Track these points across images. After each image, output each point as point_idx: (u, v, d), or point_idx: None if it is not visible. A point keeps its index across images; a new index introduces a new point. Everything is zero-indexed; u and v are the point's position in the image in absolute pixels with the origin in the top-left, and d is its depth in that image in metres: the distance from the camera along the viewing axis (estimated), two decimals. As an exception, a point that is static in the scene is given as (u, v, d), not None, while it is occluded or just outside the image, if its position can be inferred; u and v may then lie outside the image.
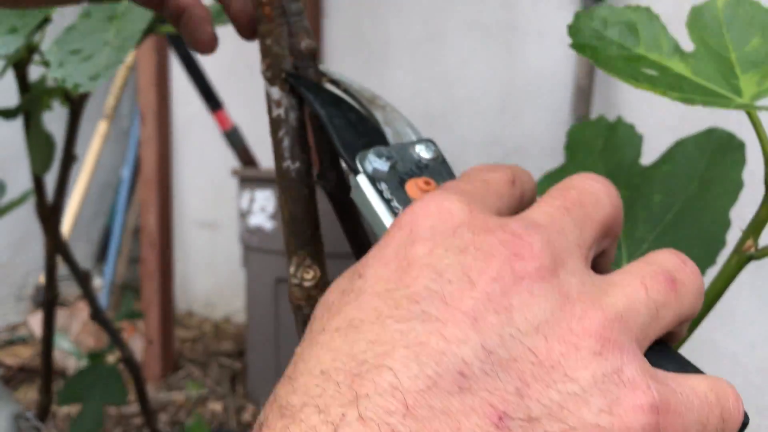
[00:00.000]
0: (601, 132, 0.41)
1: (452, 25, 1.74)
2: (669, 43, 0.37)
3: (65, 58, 0.50)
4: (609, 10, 0.39)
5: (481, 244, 0.22)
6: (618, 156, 0.40)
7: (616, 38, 0.38)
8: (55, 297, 0.84)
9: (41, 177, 0.78)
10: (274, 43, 0.35)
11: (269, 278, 1.55)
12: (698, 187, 0.38)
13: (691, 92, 0.33)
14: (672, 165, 0.39)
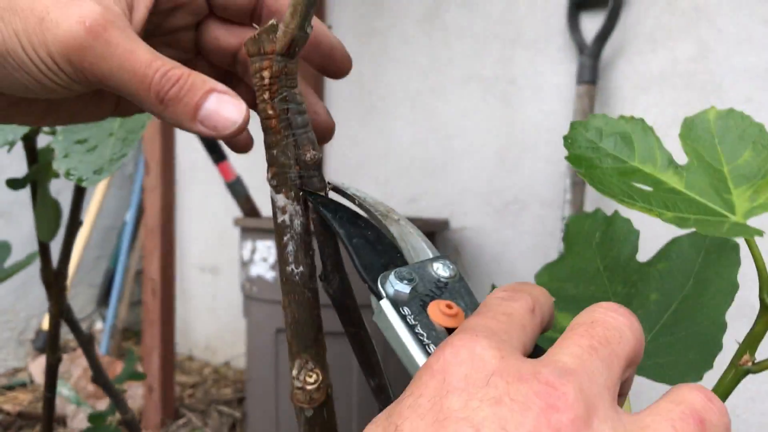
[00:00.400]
0: (599, 225, 0.42)
1: (451, 78, 1.77)
2: (663, 156, 0.38)
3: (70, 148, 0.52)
4: (604, 120, 0.40)
5: (516, 395, 0.22)
6: (615, 250, 0.41)
7: (611, 150, 0.39)
8: (58, 360, 0.84)
9: (47, 243, 0.80)
10: (281, 153, 0.37)
11: (270, 328, 1.55)
12: (694, 286, 0.38)
13: (685, 209, 0.34)
14: (668, 263, 0.39)
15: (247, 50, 0.36)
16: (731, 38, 1.30)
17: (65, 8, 0.31)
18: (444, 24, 1.79)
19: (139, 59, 0.33)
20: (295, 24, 0.35)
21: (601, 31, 1.44)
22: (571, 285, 0.41)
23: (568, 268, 0.42)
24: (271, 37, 0.35)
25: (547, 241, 1.59)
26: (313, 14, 0.35)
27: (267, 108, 0.36)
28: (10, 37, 0.31)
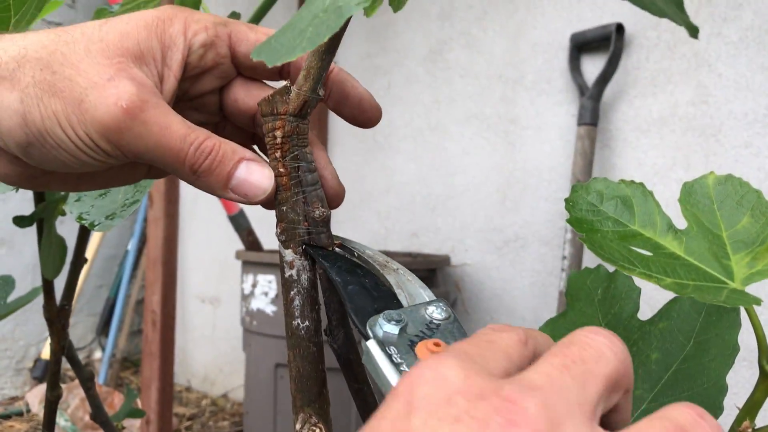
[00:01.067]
0: (601, 281, 0.42)
1: (454, 116, 1.79)
2: (663, 221, 0.39)
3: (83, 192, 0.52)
4: (605, 183, 0.40)
5: (476, 412, 0.21)
6: (617, 307, 0.41)
7: (611, 213, 0.39)
8: (58, 397, 0.84)
9: (51, 280, 0.80)
10: (290, 210, 0.37)
11: (269, 362, 1.55)
12: (694, 347, 0.38)
13: (684, 275, 0.34)
14: (669, 322, 0.39)
15: (261, 110, 0.37)
16: (730, 84, 1.32)
17: (103, 90, 0.33)
18: (447, 64, 1.81)
19: (174, 134, 0.34)
20: (308, 87, 0.36)
21: (602, 73, 1.46)
22: None
23: (569, 324, 0.42)
24: (284, 98, 0.36)
25: (548, 279, 1.59)
26: (325, 77, 0.36)
27: (278, 166, 0.37)
28: (49, 118, 0.33)
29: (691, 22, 0.41)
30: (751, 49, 1.30)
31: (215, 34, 0.37)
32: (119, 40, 0.34)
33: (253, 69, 0.40)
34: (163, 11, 0.37)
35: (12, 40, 0.34)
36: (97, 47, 0.34)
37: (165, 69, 0.36)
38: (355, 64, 2.04)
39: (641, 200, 0.39)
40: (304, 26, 0.26)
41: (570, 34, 1.55)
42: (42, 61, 0.33)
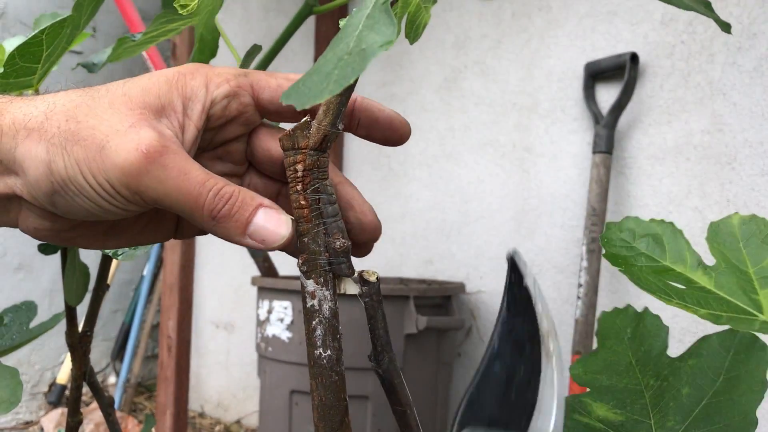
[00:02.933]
0: (630, 321, 0.44)
1: (468, 144, 1.81)
2: (692, 257, 0.41)
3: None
4: (636, 222, 0.43)
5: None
6: (646, 345, 0.43)
7: (644, 250, 0.42)
8: (79, 423, 0.85)
9: (74, 307, 0.81)
10: (311, 241, 0.38)
11: (284, 389, 1.55)
12: (724, 383, 0.40)
13: (717, 307, 0.37)
14: (698, 359, 0.41)
15: (282, 145, 0.38)
16: (745, 112, 1.33)
17: (123, 136, 0.34)
18: (462, 92, 1.83)
19: (193, 179, 0.35)
20: (328, 121, 0.37)
21: (616, 102, 1.47)
22: (604, 377, 0.43)
23: (601, 362, 0.44)
24: (305, 133, 0.38)
25: (563, 307, 1.59)
26: (350, 108, 0.38)
27: (300, 198, 0.38)
28: (71, 166, 0.34)
29: (719, 18, 0.42)
30: (766, 77, 1.31)
31: (237, 85, 0.39)
32: (141, 95, 0.36)
33: (278, 114, 0.41)
34: (185, 67, 0.38)
35: (43, 99, 0.36)
36: (121, 100, 0.36)
37: (186, 120, 0.37)
38: (371, 93, 2.06)
39: (671, 238, 0.42)
40: (329, 69, 0.27)
41: (584, 63, 1.56)
42: (68, 113, 0.35)
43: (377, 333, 0.40)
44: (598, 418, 0.41)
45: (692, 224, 1.37)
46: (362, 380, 1.47)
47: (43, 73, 0.63)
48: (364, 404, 1.48)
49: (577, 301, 1.45)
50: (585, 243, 1.45)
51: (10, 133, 0.35)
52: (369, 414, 1.48)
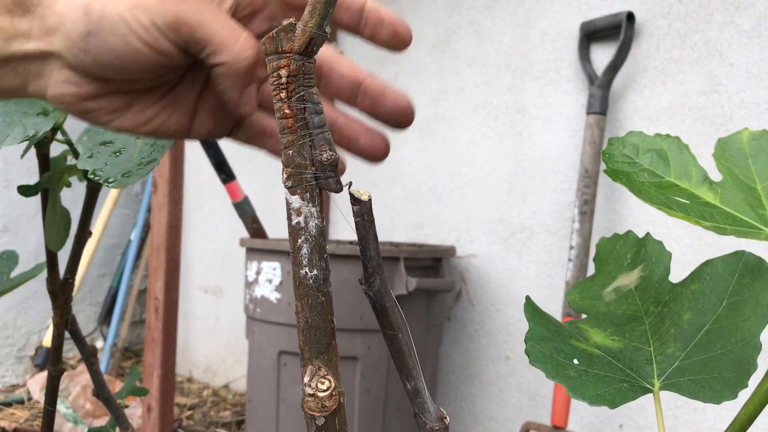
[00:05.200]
0: (630, 246, 0.43)
1: (461, 106, 1.78)
2: (698, 173, 0.40)
3: (95, 149, 0.51)
4: (640, 137, 0.42)
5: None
6: (647, 270, 0.42)
7: (647, 165, 0.41)
8: (61, 372, 0.83)
9: (55, 252, 0.79)
10: (296, 153, 0.36)
11: (272, 350, 1.54)
12: (727, 308, 0.39)
13: (721, 221, 0.35)
14: (700, 284, 0.40)
15: (264, 49, 0.36)
16: (742, 73, 1.31)
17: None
18: (455, 53, 1.80)
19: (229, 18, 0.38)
20: (314, 23, 0.35)
21: (612, 62, 1.44)
22: (602, 303, 0.42)
23: (599, 287, 0.43)
24: (290, 35, 0.35)
25: (554, 269, 1.58)
26: (332, 13, 0.35)
27: (284, 107, 0.36)
28: (110, 2, 0.36)
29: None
30: (764, 37, 1.29)
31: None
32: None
33: (300, 9, 0.40)
34: None
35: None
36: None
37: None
38: (362, 54, 2.03)
39: (677, 153, 0.41)
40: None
41: (580, 23, 1.53)
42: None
43: (368, 254, 0.38)
44: (596, 344, 0.40)
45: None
46: (351, 341, 1.46)
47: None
48: (353, 365, 1.47)
49: (568, 263, 1.44)
50: (577, 205, 1.43)
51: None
52: (358, 374, 1.47)
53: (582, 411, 1.52)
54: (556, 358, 0.38)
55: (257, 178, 2.30)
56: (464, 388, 1.76)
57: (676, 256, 1.39)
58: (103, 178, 0.48)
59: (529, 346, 0.39)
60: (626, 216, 1.45)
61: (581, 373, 0.37)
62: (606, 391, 0.36)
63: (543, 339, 0.39)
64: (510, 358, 1.66)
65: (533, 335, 0.39)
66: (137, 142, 0.50)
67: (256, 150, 0.45)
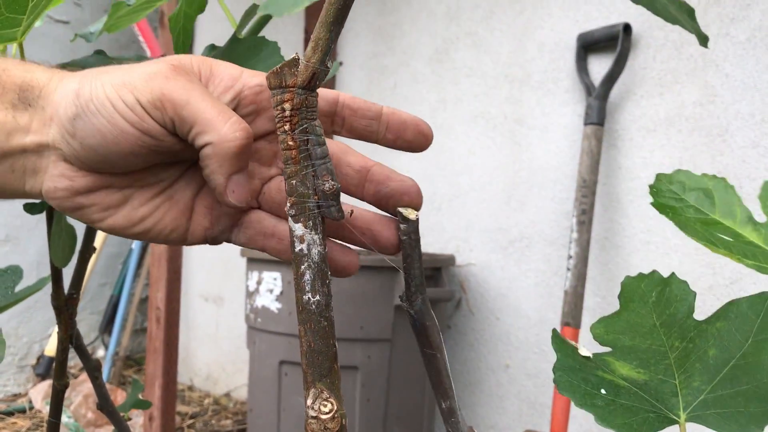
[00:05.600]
0: (655, 285, 0.44)
1: (459, 116, 1.79)
2: (743, 212, 0.42)
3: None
4: (687, 175, 0.44)
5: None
6: (671, 309, 0.43)
7: (693, 202, 0.42)
8: (65, 386, 0.84)
9: (60, 269, 0.80)
10: (300, 183, 0.38)
11: (273, 359, 1.55)
12: (753, 346, 0.40)
13: (763, 260, 0.37)
14: (726, 322, 0.41)
15: (268, 83, 0.37)
16: (738, 84, 1.32)
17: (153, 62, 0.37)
18: (453, 63, 1.82)
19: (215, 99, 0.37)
20: (317, 58, 0.36)
21: (609, 73, 1.46)
22: (627, 337, 0.43)
23: (623, 323, 0.44)
24: (293, 70, 0.37)
25: (553, 279, 1.59)
26: (333, 49, 0.37)
27: (287, 139, 0.37)
28: (97, 87, 0.36)
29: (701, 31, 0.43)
30: (759, 49, 1.30)
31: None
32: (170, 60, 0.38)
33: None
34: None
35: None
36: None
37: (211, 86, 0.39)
38: (361, 64, 2.04)
39: (722, 193, 0.43)
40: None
41: (577, 34, 1.55)
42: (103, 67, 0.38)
43: (412, 273, 0.39)
44: (622, 376, 0.41)
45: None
46: (351, 351, 1.47)
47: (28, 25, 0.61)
48: (353, 375, 1.48)
49: (566, 272, 1.45)
50: (575, 215, 1.45)
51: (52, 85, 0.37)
52: (358, 384, 1.48)
53: (581, 420, 1.53)
54: (584, 387, 0.39)
55: (257, 187, 2.31)
56: (464, 397, 1.77)
57: (673, 266, 1.39)
58: None
59: (557, 375, 0.39)
60: (624, 225, 1.46)
61: (609, 402, 0.38)
62: (633, 420, 0.37)
63: (571, 369, 0.39)
64: (510, 367, 1.67)
65: (561, 365, 0.40)
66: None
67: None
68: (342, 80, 2.10)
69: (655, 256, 1.41)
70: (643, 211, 1.43)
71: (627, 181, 1.47)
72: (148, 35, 2.33)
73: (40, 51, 2.44)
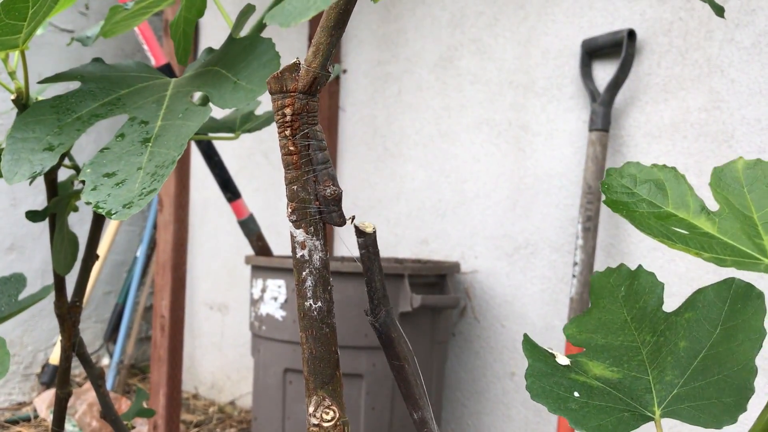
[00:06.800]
0: (623, 279, 0.44)
1: (464, 123, 1.79)
2: (695, 202, 0.41)
3: (99, 181, 0.52)
4: (637, 167, 0.43)
5: None
6: (641, 302, 0.42)
7: (645, 196, 0.42)
8: (69, 394, 0.84)
9: (63, 276, 0.80)
10: (301, 189, 0.37)
11: (278, 367, 1.54)
12: (722, 334, 0.39)
13: (720, 252, 0.37)
14: (694, 312, 0.40)
15: (270, 88, 0.37)
16: (743, 89, 1.32)
17: None
18: (457, 70, 1.82)
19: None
20: (318, 63, 0.36)
21: (613, 79, 1.45)
22: (599, 335, 0.43)
23: (595, 321, 0.44)
24: (294, 75, 0.36)
25: (558, 286, 1.58)
26: (334, 54, 0.36)
27: (288, 144, 0.37)
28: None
29: (715, 1, 0.42)
30: (764, 54, 1.29)
31: None
32: None
33: None
34: None
35: None
36: None
37: None
38: (366, 72, 2.04)
39: (674, 183, 0.42)
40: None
41: (581, 41, 1.55)
42: None
43: (373, 286, 0.39)
44: (595, 376, 0.40)
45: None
46: (356, 358, 1.46)
47: (29, 32, 0.61)
48: (358, 383, 1.48)
49: (572, 279, 1.44)
50: (581, 221, 1.44)
51: None
52: (363, 392, 1.47)
53: (588, 427, 1.51)
54: (556, 392, 0.38)
55: (261, 194, 2.31)
56: (470, 405, 1.76)
57: (680, 272, 1.38)
58: (105, 210, 0.49)
59: (530, 382, 0.39)
60: (630, 232, 1.45)
61: (582, 405, 0.38)
62: (608, 421, 0.37)
63: (543, 374, 0.39)
64: (515, 375, 1.66)
65: (533, 371, 0.40)
66: (139, 172, 0.51)
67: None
68: (346, 88, 2.10)
69: (661, 263, 1.40)
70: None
71: (632, 187, 1.46)
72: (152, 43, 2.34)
73: (44, 60, 2.45)
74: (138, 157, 0.53)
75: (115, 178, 0.52)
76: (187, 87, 0.57)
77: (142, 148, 0.53)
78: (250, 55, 0.53)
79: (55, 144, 0.57)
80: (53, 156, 0.57)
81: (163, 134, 0.54)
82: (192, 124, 0.49)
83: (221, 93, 0.52)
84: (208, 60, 0.60)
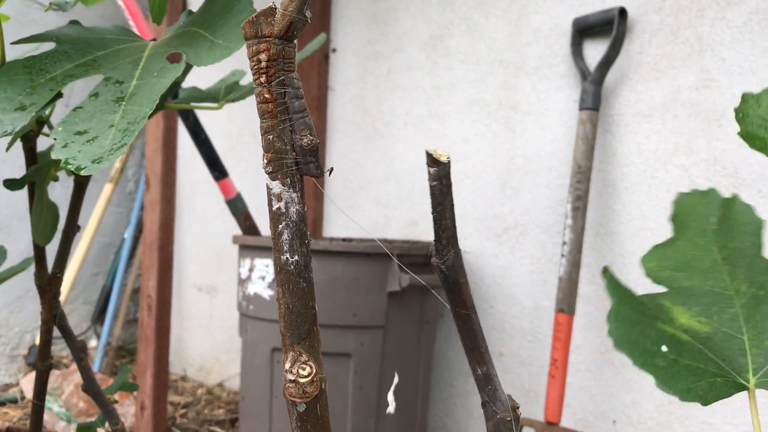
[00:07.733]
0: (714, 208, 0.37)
1: (454, 103, 1.78)
2: None
3: (69, 139, 0.51)
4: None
5: None
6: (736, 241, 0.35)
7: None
8: (49, 367, 0.83)
9: (43, 247, 0.79)
10: (277, 138, 0.36)
11: (266, 347, 1.54)
12: None
13: None
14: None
15: (244, 33, 0.35)
16: (734, 68, 1.31)
17: None
18: (448, 49, 1.80)
19: None
20: (294, 7, 0.35)
21: (604, 58, 1.44)
22: (684, 275, 0.36)
23: (679, 255, 0.37)
24: (269, 20, 0.35)
25: (547, 266, 1.58)
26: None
27: (264, 92, 0.35)
28: None
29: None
30: (755, 32, 1.29)
31: None
32: None
33: None
34: None
35: None
36: None
37: None
38: (355, 51, 2.02)
39: None
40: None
41: (572, 19, 1.53)
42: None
43: (443, 223, 0.36)
44: (682, 327, 0.34)
45: (678, 182, 1.36)
46: (344, 338, 1.46)
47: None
48: (346, 362, 1.47)
49: (561, 259, 1.43)
50: (570, 201, 1.43)
51: None
52: (351, 372, 1.47)
53: (575, 407, 1.51)
54: (643, 344, 0.32)
55: (250, 174, 2.29)
56: (458, 385, 1.76)
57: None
58: (75, 166, 0.47)
59: (613, 327, 0.32)
60: (619, 211, 1.45)
61: (671, 363, 0.32)
62: (698, 386, 0.32)
63: (629, 321, 0.33)
64: (503, 355, 1.66)
65: (618, 315, 0.33)
66: (110, 130, 0.50)
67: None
68: (335, 67, 2.09)
69: (651, 242, 1.39)
70: (638, 197, 1.42)
71: (622, 166, 1.45)
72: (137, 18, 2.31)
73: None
74: (111, 115, 0.51)
75: (86, 135, 0.50)
76: (164, 48, 0.56)
77: (115, 107, 0.52)
78: (227, 13, 0.52)
79: (27, 104, 0.56)
80: (25, 115, 0.56)
81: (137, 93, 0.53)
82: (165, 80, 0.48)
83: (197, 51, 0.51)
84: (186, 21, 0.59)
